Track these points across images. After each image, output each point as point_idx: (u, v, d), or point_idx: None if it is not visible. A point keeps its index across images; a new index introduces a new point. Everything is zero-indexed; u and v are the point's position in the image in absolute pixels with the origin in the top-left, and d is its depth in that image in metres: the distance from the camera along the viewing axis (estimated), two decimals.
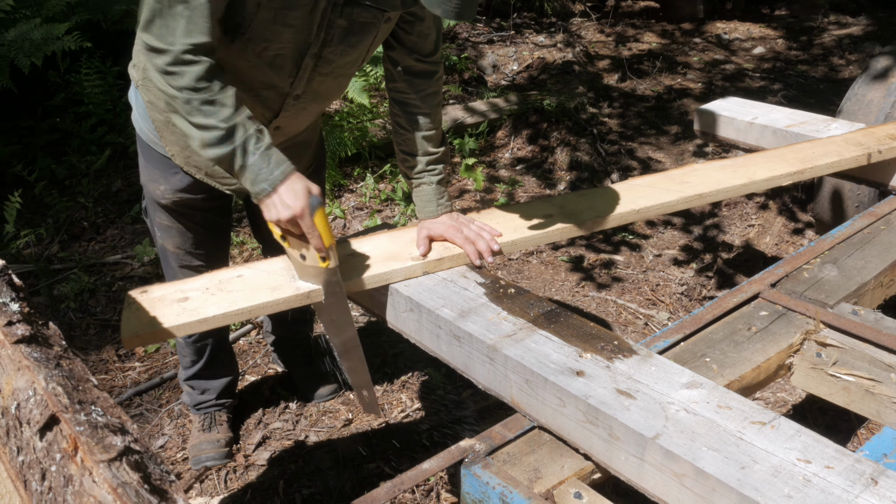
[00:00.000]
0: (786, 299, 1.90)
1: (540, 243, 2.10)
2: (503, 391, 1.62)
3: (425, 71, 1.97)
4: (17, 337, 0.84)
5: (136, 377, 3.04)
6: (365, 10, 1.77)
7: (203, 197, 2.14)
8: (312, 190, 1.64)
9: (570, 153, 4.71)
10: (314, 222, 1.63)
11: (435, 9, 1.57)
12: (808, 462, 1.24)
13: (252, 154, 1.62)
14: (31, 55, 4.22)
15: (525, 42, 6.48)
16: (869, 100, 3.05)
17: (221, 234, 2.37)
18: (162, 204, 2.16)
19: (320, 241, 1.64)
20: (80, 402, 0.75)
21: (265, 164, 1.62)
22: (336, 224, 4.03)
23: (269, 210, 1.64)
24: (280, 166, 1.63)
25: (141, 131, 2.10)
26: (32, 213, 4.13)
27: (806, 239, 3.92)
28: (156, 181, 2.13)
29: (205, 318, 1.66)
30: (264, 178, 1.62)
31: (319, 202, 1.64)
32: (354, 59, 1.91)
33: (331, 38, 1.78)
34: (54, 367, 0.80)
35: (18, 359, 0.80)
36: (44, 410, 0.74)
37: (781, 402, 2.86)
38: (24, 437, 0.75)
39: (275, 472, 2.58)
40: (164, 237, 2.26)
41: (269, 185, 1.62)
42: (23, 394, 0.78)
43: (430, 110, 2.00)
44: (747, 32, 6.89)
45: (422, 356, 2.98)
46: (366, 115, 4.78)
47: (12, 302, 0.89)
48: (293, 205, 1.61)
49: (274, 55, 1.76)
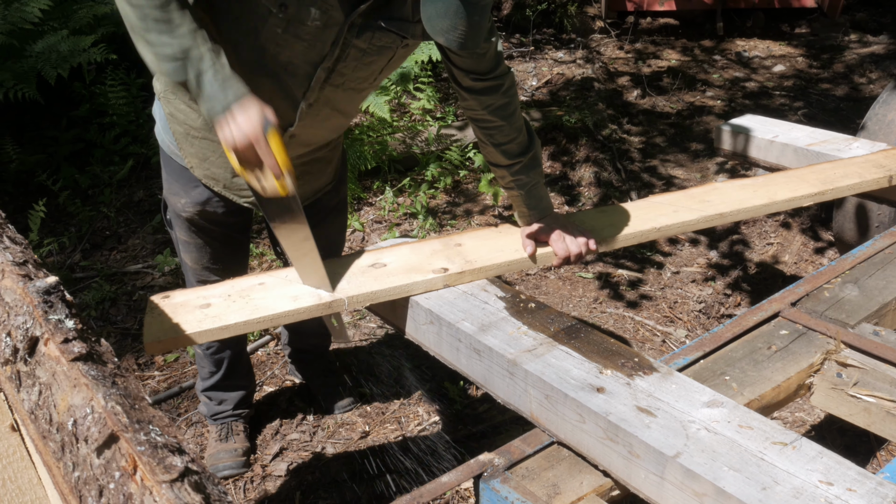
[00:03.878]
0: (806, 318, 1.89)
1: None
2: (523, 406, 1.62)
3: (488, 87, 1.93)
4: (74, 354, 0.85)
5: (156, 386, 3.07)
6: (385, 33, 1.78)
7: (223, 212, 2.15)
8: (267, 113, 1.59)
9: (591, 170, 4.72)
10: (269, 144, 1.59)
11: (438, 38, 1.57)
12: (830, 484, 1.23)
13: (205, 73, 1.58)
14: (57, 67, 4.29)
15: (544, 58, 6.50)
16: (890, 119, 3.04)
17: (240, 250, 2.38)
18: (183, 217, 2.18)
19: (275, 163, 1.60)
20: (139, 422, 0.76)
21: (218, 84, 1.58)
22: (355, 237, 4.05)
23: (223, 132, 1.59)
24: (233, 88, 1.58)
25: (163, 143, 2.12)
26: (56, 222, 4.19)
27: (825, 258, 3.90)
28: (177, 194, 2.15)
29: (226, 326, 1.68)
30: (217, 99, 1.58)
31: (272, 124, 1.59)
32: (367, 76, 1.91)
33: (346, 55, 1.78)
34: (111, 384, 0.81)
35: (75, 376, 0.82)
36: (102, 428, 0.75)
37: (800, 422, 2.84)
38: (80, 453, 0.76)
39: (292, 484, 2.59)
40: (183, 250, 2.28)
41: (221, 107, 1.58)
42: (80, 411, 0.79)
43: (502, 122, 1.96)
44: (767, 50, 6.88)
45: (438, 369, 2.99)
46: (386, 128, 4.81)
47: (67, 319, 0.90)
48: (246, 127, 1.57)
49: (287, 61, 1.77)
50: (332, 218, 2.40)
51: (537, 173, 2.04)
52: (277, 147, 1.60)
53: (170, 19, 1.55)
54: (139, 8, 1.55)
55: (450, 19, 1.54)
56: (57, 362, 0.86)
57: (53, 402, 0.84)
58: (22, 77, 4.29)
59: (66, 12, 4.83)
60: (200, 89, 1.59)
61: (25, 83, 4.26)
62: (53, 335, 0.88)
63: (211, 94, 1.58)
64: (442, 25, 1.55)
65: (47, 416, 0.85)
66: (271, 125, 1.59)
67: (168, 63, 1.58)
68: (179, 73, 1.58)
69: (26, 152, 4.50)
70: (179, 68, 1.57)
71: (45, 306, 0.91)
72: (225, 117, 1.58)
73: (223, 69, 1.59)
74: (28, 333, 0.90)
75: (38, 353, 0.89)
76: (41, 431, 0.85)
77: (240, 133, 1.57)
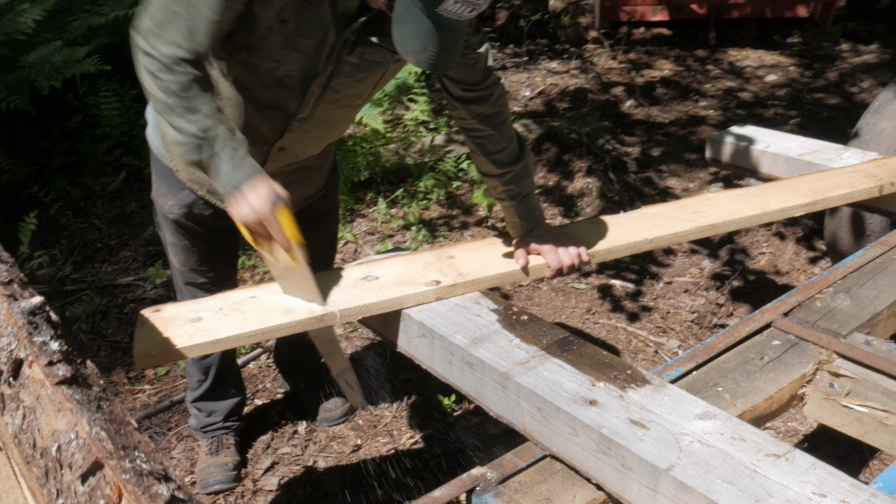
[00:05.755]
0: (798, 329, 1.89)
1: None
2: (515, 419, 1.61)
3: (478, 97, 1.94)
4: (58, 378, 0.83)
5: (146, 400, 3.05)
6: (376, 49, 1.79)
7: (209, 214, 2.15)
8: (277, 191, 1.64)
9: (585, 180, 4.72)
10: (279, 222, 1.63)
11: (409, 57, 1.58)
12: (824, 496, 1.23)
13: (220, 154, 1.62)
14: (50, 78, 4.28)
15: (538, 68, 6.52)
16: (880, 129, 3.05)
17: (228, 254, 2.37)
18: (170, 219, 2.18)
19: (285, 240, 1.65)
20: (124, 448, 0.75)
21: (231, 164, 1.62)
22: (347, 248, 4.04)
23: (234, 210, 1.64)
24: (245, 168, 1.63)
25: (153, 146, 2.13)
26: (47, 234, 4.17)
27: (818, 267, 3.91)
28: (164, 196, 2.16)
29: (218, 340, 1.67)
30: (229, 178, 1.63)
31: (283, 201, 1.64)
32: (361, 93, 1.92)
33: (339, 71, 1.80)
34: (96, 409, 0.80)
35: (60, 400, 0.80)
36: (87, 455, 0.74)
37: (792, 432, 2.83)
38: (64, 480, 0.75)
39: (283, 498, 2.57)
40: (171, 252, 2.28)
41: (232, 186, 1.62)
42: (64, 436, 0.77)
43: (493, 131, 1.97)
44: (760, 60, 6.91)
45: (431, 382, 2.98)
46: (379, 140, 4.81)
47: (52, 340, 0.89)
48: (257, 205, 1.61)
49: (284, 75, 1.79)
50: (323, 226, 2.39)
51: (528, 184, 2.04)
52: (287, 223, 1.65)
53: (191, 105, 1.60)
54: (163, 91, 1.60)
55: (420, 41, 1.53)
56: (41, 385, 0.84)
57: (37, 427, 0.82)
58: (15, 88, 4.28)
59: (60, 23, 4.82)
60: (214, 169, 1.64)
61: (18, 94, 4.25)
62: (38, 357, 0.86)
63: (224, 174, 1.63)
64: (413, 46, 1.55)
65: (31, 440, 0.83)
66: (281, 201, 1.64)
67: (186, 145, 1.63)
68: (195, 153, 1.63)
69: (18, 164, 4.49)
70: (196, 149, 1.62)
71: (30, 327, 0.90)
72: (235, 196, 1.63)
73: (236, 150, 1.64)
74: (12, 356, 0.89)
75: (23, 375, 0.88)
76: (25, 456, 0.83)
77: (250, 211, 1.62)
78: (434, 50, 1.54)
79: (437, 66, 1.57)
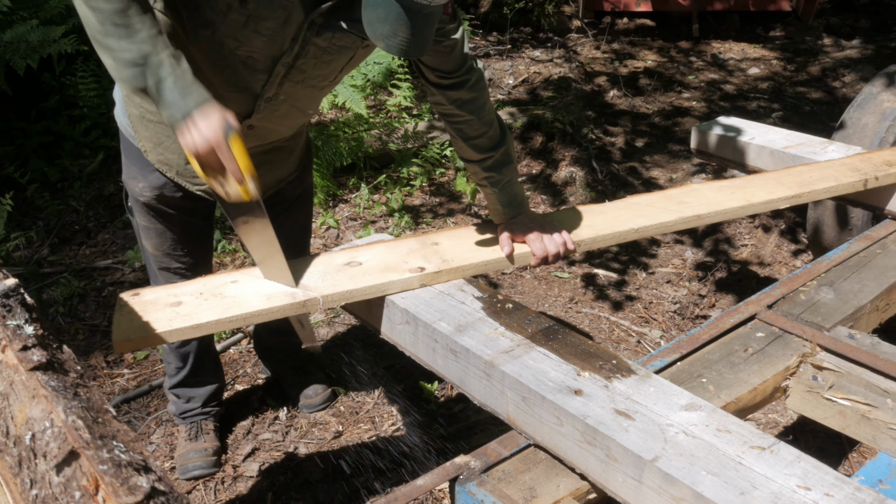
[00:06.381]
0: (782, 321, 1.90)
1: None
2: (499, 408, 1.60)
3: (454, 84, 1.91)
4: (33, 363, 0.80)
5: (125, 384, 3.01)
6: (345, 34, 1.76)
7: (180, 196, 2.10)
8: (229, 118, 1.57)
9: (569, 169, 4.72)
10: (230, 149, 1.56)
11: (378, 42, 1.54)
12: (808, 489, 1.23)
13: (165, 80, 1.55)
14: (26, 57, 4.20)
15: (521, 56, 6.50)
16: (864, 124, 3.06)
17: (202, 238, 2.33)
18: (141, 202, 2.14)
19: (237, 168, 1.58)
20: (102, 437, 0.72)
21: (179, 91, 1.55)
22: (329, 234, 4.01)
23: (185, 138, 1.56)
24: (194, 94, 1.56)
25: (122, 126, 2.08)
26: (23, 216, 4.10)
27: (799, 260, 3.93)
28: (135, 178, 2.11)
29: (198, 325, 1.64)
30: (178, 105, 1.55)
31: (234, 130, 1.57)
32: (328, 74, 1.89)
33: (305, 52, 1.77)
34: (72, 396, 0.77)
35: (34, 386, 0.77)
36: (62, 444, 0.71)
37: (773, 424, 2.85)
38: (38, 469, 0.72)
39: (264, 484, 2.55)
40: (144, 237, 2.23)
41: (181, 114, 1.55)
42: (38, 424, 0.74)
43: (471, 116, 1.95)
44: (742, 53, 6.93)
45: (414, 369, 2.96)
46: (362, 125, 4.77)
47: (27, 324, 0.85)
48: (207, 132, 1.54)
49: (246, 56, 1.75)
50: (297, 208, 2.37)
51: (510, 170, 2.02)
52: (240, 152, 1.57)
53: (129, 24, 1.52)
54: (99, 12, 1.51)
55: (389, 25, 1.49)
56: (15, 371, 0.81)
57: (11, 414, 0.79)
58: None
59: (36, 2, 4.73)
60: (161, 96, 1.56)
61: None
62: (11, 342, 0.83)
63: (171, 101, 1.55)
64: (382, 31, 1.51)
65: (4, 428, 0.80)
66: (233, 130, 1.56)
67: (128, 69, 1.54)
68: (139, 79, 1.55)
69: None
70: (139, 74, 1.54)
71: (4, 310, 0.86)
72: (186, 123, 1.55)
73: (184, 75, 1.56)
74: None
75: None
76: None
77: (201, 139, 1.54)
78: (404, 35, 1.49)
79: (407, 51, 1.53)
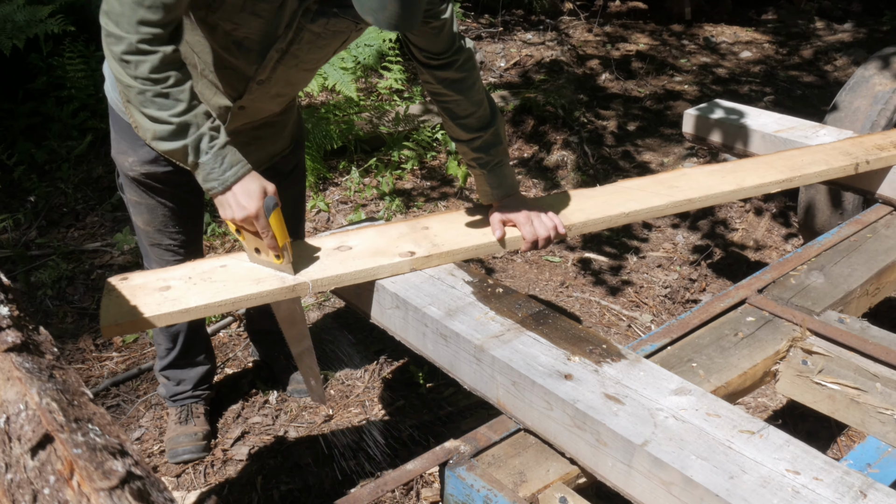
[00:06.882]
0: (773, 305, 1.90)
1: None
2: (489, 392, 1.60)
3: (443, 64, 1.92)
4: (7, 345, 0.79)
5: (114, 367, 3.00)
6: (339, 20, 1.77)
7: (171, 171, 2.08)
8: (268, 190, 1.64)
9: (560, 153, 4.70)
10: (269, 223, 1.63)
11: (367, 17, 1.53)
12: (797, 473, 1.23)
13: (205, 153, 1.61)
14: (12, 37, 4.15)
15: (513, 39, 6.46)
16: (856, 107, 3.06)
17: (193, 213, 2.31)
18: (131, 177, 2.12)
19: (274, 241, 1.65)
20: (77, 420, 0.71)
21: (217, 163, 1.61)
22: (320, 217, 3.99)
23: (223, 208, 1.65)
24: (233, 166, 1.62)
25: (112, 101, 2.07)
26: (10, 198, 4.06)
27: (790, 244, 3.94)
28: (125, 153, 2.10)
29: (187, 309, 1.63)
30: (215, 177, 1.62)
31: (275, 203, 1.64)
32: (321, 58, 1.92)
33: (300, 38, 1.78)
34: (48, 378, 0.75)
35: (9, 368, 0.75)
36: (36, 427, 0.70)
37: (762, 407, 2.86)
38: (13, 453, 0.70)
39: (253, 468, 2.55)
40: (134, 213, 2.22)
41: (220, 185, 1.62)
42: (13, 407, 0.73)
43: (459, 96, 1.94)
44: (735, 36, 6.90)
45: (404, 353, 2.96)
46: (352, 108, 4.74)
47: (2, 305, 0.84)
48: (247, 205, 1.62)
49: (242, 38, 1.76)
50: (290, 183, 2.36)
51: (500, 151, 2.01)
52: (278, 226, 1.65)
53: (168, 93, 1.57)
54: (138, 80, 1.56)
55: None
56: None
57: None
58: None
59: None
60: (199, 167, 1.62)
61: None
62: None
63: (209, 171, 1.62)
64: (371, 5, 1.50)
65: None
66: (276, 206, 1.64)
67: (165, 142, 1.60)
68: (176, 150, 1.60)
69: None
70: (179, 147, 1.60)
71: None
72: (226, 196, 1.63)
73: (223, 145, 1.62)
74: None
75: None
76: None
77: (242, 213, 1.63)
78: (393, 9, 1.49)
79: (397, 25, 1.53)
